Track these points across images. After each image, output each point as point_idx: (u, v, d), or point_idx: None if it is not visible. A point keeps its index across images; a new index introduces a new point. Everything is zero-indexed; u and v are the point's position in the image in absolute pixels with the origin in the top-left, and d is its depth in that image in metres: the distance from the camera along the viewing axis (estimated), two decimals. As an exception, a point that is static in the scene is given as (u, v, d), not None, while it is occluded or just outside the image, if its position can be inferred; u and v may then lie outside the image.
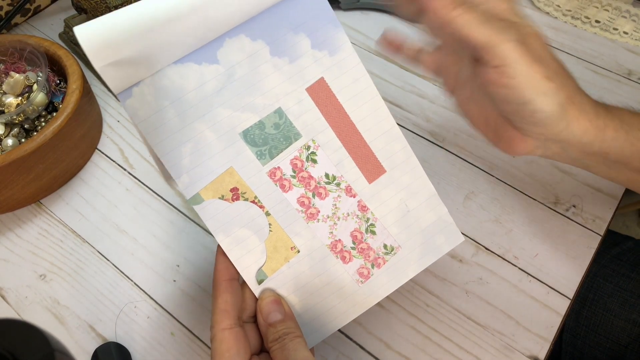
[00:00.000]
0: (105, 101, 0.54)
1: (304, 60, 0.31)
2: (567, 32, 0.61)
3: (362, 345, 0.39)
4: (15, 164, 0.42)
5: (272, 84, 0.31)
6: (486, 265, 0.43)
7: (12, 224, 0.46)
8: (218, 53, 0.30)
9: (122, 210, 0.46)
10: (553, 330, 0.40)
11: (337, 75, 0.32)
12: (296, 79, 0.31)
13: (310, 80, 0.32)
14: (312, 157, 0.32)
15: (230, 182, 0.31)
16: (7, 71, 0.48)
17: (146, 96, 0.29)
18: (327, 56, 0.31)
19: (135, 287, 0.42)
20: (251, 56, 0.30)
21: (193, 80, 0.29)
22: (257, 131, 0.31)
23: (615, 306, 0.57)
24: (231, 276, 0.32)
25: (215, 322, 0.31)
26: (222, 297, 0.31)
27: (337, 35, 0.31)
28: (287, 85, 0.31)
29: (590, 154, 0.32)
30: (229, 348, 0.30)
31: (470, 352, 0.39)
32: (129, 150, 0.50)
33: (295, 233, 0.33)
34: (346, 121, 0.33)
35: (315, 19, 0.31)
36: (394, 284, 0.35)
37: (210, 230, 0.31)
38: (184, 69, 0.29)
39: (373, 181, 0.34)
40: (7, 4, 0.56)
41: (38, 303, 0.41)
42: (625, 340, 0.56)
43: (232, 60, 0.30)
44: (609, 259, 0.60)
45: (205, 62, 0.29)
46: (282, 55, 0.31)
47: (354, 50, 0.32)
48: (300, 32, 0.31)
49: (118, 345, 0.38)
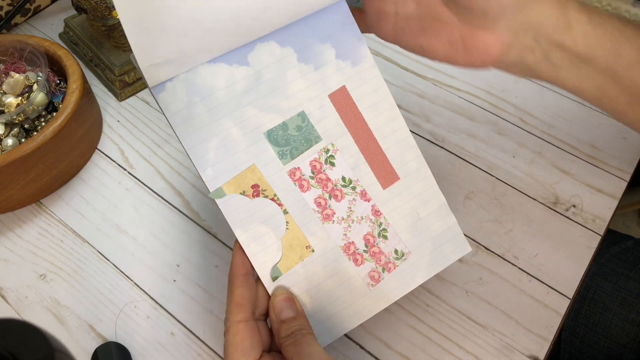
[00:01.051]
0: (105, 101, 0.54)
1: (328, 69, 0.33)
2: (567, 32, 0.61)
3: (362, 345, 0.39)
4: (15, 164, 0.42)
5: (297, 89, 0.32)
6: (486, 265, 0.43)
7: (12, 224, 0.46)
8: (249, 56, 0.31)
9: (122, 210, 0.46)
10: (553, 330, 0.40)
11: (358, 85, 0.33)
12: (320, 85, 0.33)
13: (333, 88, 0.33)
14: (331, 160, 0.34)
15: (252, 178, 0.32)
16: (7, 71, 0.48)
17: (178, 91, 0.30)
18: (350, 66, 0.33)
19: (135, 287, 0.42)
20: (279, 61, 0.32)
21: (223, 79, 0.31)
22: (281, 132, 0.32)
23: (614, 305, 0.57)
24: (247, 271, 0.32)
25: (230, 315, 0.31)
26: (237, 291, 0.31)
27: (360, 48, 0.33)
28: (311, 91, 0.33)
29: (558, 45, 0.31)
30: (243, 340, 0.30)
31: (470, 352, 0.39)
32: (129, 150, 0.50)
33: (311, 232, 0.33)
34: (364, 128, 0.34)
35: (341, 31, 0.33)
36: (403, 289, 0.35)
37: (229, 224, 0.32)
38: (215, 69, 0.31)
39: (387, 187, 0.35)
40: (7, 4, 0.56)
41: (38, 303, 0.41)
42: (624, 339, 0.56)
43: (262, 63, 0.32)
44: (608, 258, 0.60)
45: (236, 64, 0.31)
46: (308, 62, 0.33)
47: (374, 63, 0.34)
48: (326, 42, 0.33)
49: (118, 345, 0.38)
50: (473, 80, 0.56)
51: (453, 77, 0.56)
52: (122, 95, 0.54)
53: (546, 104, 0.54)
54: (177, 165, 0.49)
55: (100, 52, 0.54)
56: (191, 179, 0.48)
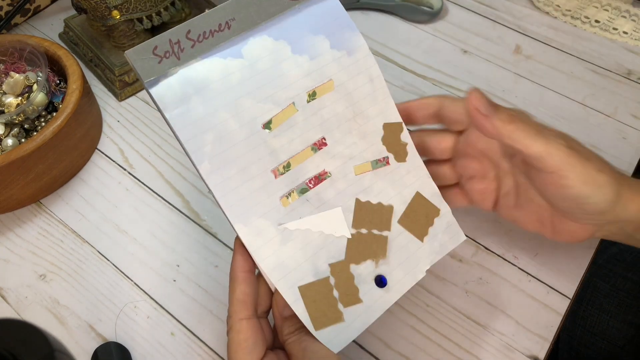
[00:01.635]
0: (105, 101, 0.54)
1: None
2: (567, 32, 0.61)
3: (362, 345, 0.39)
4: (15, 164, 0.42)
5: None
6: (486, 265, 0.43)
7: (12, 224, 0.46)
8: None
9: (122, 210, 0.46)
10: (553, 329, 0.40)
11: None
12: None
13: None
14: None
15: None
16: (7, 71, 0.48)
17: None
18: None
19: (135, 287, 0.42)
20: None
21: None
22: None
23: (612, 307, 0.57)
24: (249, 268, 0.32)
25: (232, 313, 0.31)
26: (239, 288, 0.31)
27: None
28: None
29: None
30: (246, 338, 0.30)
31: (470, 352, 0.39)
32: (129, 150, 0.50)
33: None
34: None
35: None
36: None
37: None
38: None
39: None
40: (7, 4, 0.56)
41: (38, 303, 0.41)
42: (621, 341, 0.56)
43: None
44: (606, 259, 0.60)
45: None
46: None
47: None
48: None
49: (118, 345, 0.38)
50: (473, 81, 0.56)
51: (453, 77, 0.56)
52: (122, 95, 0.54)
53: (546, 104, 0.54)
54: (177, 165, 0.49)
55: (100, 52, 0.54)
56: (191, 179, 0.48)
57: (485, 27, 0.61)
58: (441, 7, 0.61)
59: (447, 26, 0.61)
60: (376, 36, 0.60)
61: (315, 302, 0.32)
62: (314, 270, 0.32)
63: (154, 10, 0.52)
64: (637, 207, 0.32)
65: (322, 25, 0.33)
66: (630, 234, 0.34)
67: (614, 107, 0.54)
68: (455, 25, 0.62)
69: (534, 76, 0.56)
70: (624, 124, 0.52)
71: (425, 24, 0.62)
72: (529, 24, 0.62)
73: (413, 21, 0.62)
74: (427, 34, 0.61)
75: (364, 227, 0.34)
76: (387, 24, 0.62)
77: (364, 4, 0.62)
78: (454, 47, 0.59)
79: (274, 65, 0.32)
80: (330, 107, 0.33)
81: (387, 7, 0.62)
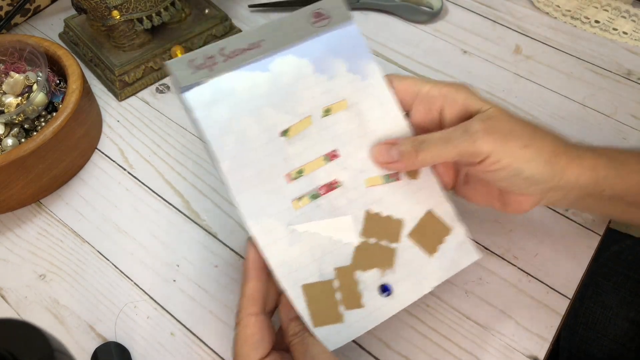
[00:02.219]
0: (105, 101, 0.54)
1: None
2: (567, 32, 0.61)
3: (362, 345, 0.39)
4: (15, 164, 0.42)
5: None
6: (486, 265, 0.43)
7: (12, 224, 0.46)
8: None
9: (122, 210, 0.46)
10: (553, 330, 0.40)
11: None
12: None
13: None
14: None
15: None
16: (7, 71, 0.48)
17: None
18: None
19: (135, 287, 0.42)
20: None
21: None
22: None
23: (614, 304, 0.57)
24: (261, 265, 0.32)
25: (242, 307, 0.31)
26: (250, 284, 0.32)
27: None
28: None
29: (588, 194, 0.35)
30: (253, 334, 0.30)
31: (470, 352, 0.39)
32: (129, 150, 0.50)
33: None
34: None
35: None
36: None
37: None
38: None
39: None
40: (7, 4, 0.57)
41: (38, 303, 0.41)
42: (623, 338, 0.56)
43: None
44: (608, 257, 0.60)
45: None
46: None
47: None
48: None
49: (118, 345, 0.38)
50: (473, 81, 0.56)
51: (453, 77, 0.56)
52: (122, 95, 0.54)
53: (546, 104, 0.54)
54: (177, 165, 0.49)
55: (100, 52, 0.54)
56: (191, 179, 0.48)
57: (485, 27, 0.61)
58: (441, 7, 0.61)
59: (447, 26, 0.61)
60: (376, 36, 0.60)
61: (317, 301, 0.32)
62: (320, 272, 0.33)
63: (154, 11, 0.52)
64: (577, 173, 0.33)
65: (342, 49, 0.36)
66: (574, 200, 0.36)
67: (613, 108, 0.54)
68: (455, 26, 0.62)
69: (533, 76, 0.56)
70: (624, 124, 0.52)
71: (425, 24, 0.62)
72: (528, 24, 0.62)
73: (413, 21, 0.62)
74: (427, 34, 0.61)
75: (372, 237, 0.35)
76: (387, 24, 0.62)
77: (364, 4, 0.62)
78: (454, 47, 0.59)
79: (296, 81, 0.35)
80: (343, 123, 0.35)
81: (387, 7, 0.62)
